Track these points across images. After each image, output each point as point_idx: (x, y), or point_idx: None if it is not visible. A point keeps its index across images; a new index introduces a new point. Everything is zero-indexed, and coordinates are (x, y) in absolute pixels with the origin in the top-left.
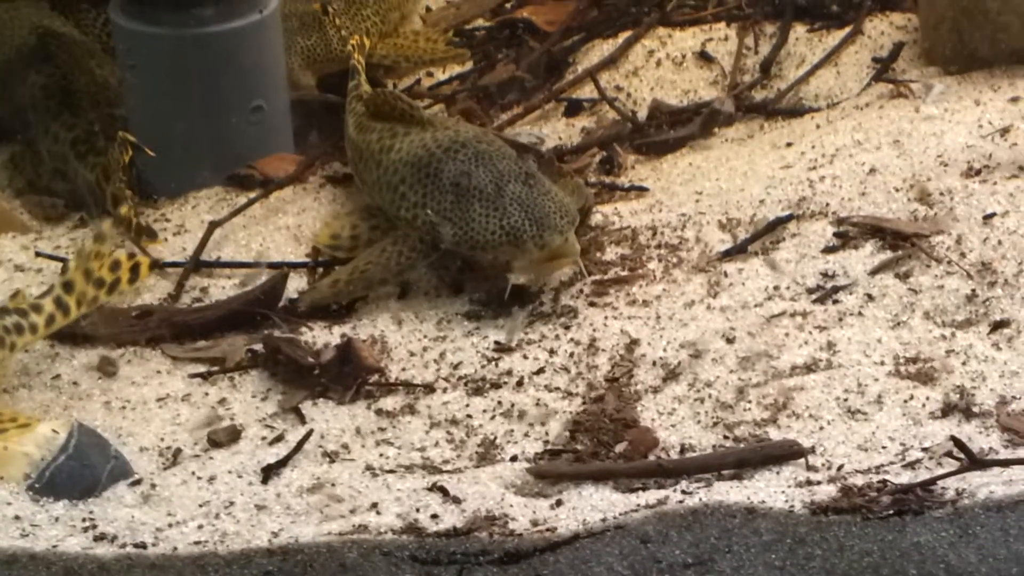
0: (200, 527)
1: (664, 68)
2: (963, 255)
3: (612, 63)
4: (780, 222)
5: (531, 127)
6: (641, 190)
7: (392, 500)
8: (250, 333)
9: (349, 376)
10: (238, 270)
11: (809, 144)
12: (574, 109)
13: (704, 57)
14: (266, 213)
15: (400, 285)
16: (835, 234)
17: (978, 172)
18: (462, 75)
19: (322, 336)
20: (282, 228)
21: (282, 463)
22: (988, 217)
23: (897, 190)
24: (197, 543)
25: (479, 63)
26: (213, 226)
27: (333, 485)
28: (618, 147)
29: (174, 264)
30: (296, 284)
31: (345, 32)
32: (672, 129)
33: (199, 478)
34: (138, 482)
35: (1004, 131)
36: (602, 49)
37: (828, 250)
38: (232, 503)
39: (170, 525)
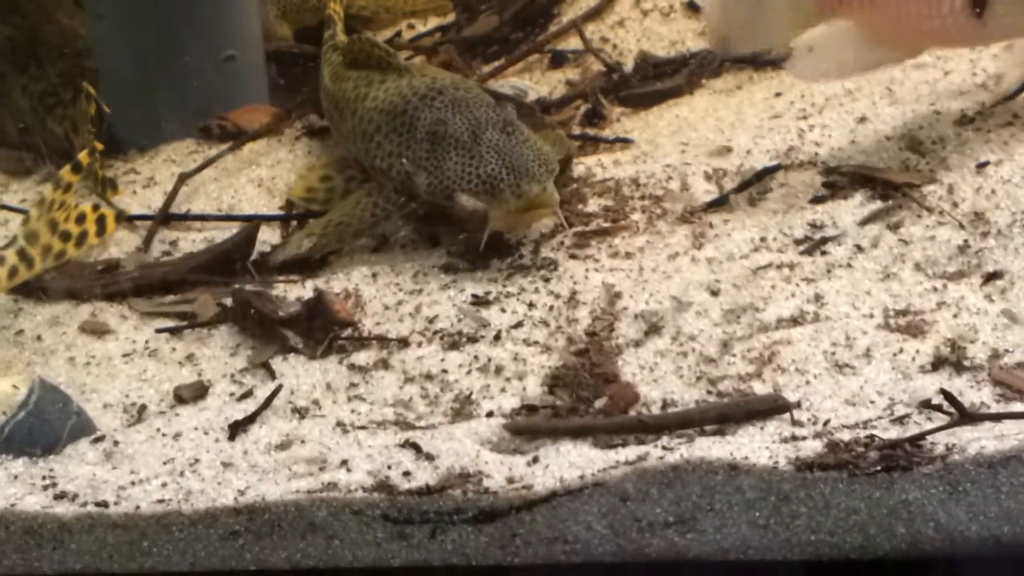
0: (164, 485)
1: (651, 19)
2: (955, 205)
3: (598, 14)
4: (767, 172)
5: (515, 79)
6: (626, 142)
7: (363, 457)
8: (221, 287)
9: (320, 330)
10: (209, 223)
11: (799, 94)
12: (559, 61)
13: (692, 7)
14: (239, 165)
15: (376, 237)
16: (824, 184)
17: (971, 120)
18: (444, 27)
19: (295, 290)
20: (255, 180)
21: (250, 419)
22: (981, 166)
23: (888, 139)
24: (160, 502)
25: (461, 14)
26: (182, 178)
27: (302, 442)
28: (603, 99)
29: (142, 217)
30: (269, 237)
31: None
32: (658, 81)
33: (164, 435)
34: (100, 439)
35: (998, 78)
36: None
37: (816, 200)
38: (197, 461)
39: (133, 483)
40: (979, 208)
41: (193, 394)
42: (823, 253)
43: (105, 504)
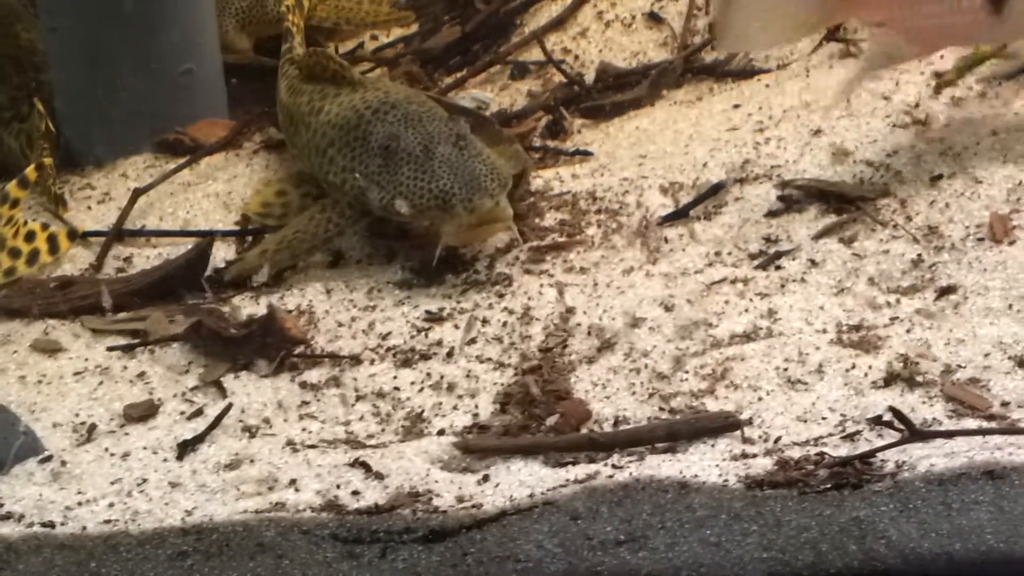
0: (111, 505)
1: (613, 30)
2: (909, 219)
3: (560, 25)
4: (723, 185)
5: (476, 91)
6: (585, 154)
7: (312, 476)
8: (174, 304)
9: (273, 348)
10: (164, 239)
11: (756, 106)
12: (521, 72)
13: (654, 18)
14: (195, 180)
15: (332, 253)
16: (779, 197)
17: (923, 124)
18: (406, 38)
19: (248, 307)
20: (211, 195)
21: (199, 439)
22: (935, 179)
23: (843, 152)
24: (108, 522)
25: (424, 26)
26: (137, 193)
27: (251, 461)
28: (564, 111)
29: (96, 233)
30: (225, 253)
31: None
32: (619, 92)
33: (112, 455)
34: (48, 459)
35: (946, 84)
36: (550, 10)
37: (771, 214)
38: (145, 480)
39: (80, 504)
40: (933, 222)
41: (143, 413)
42: (777, 268)
43: (52, 524)
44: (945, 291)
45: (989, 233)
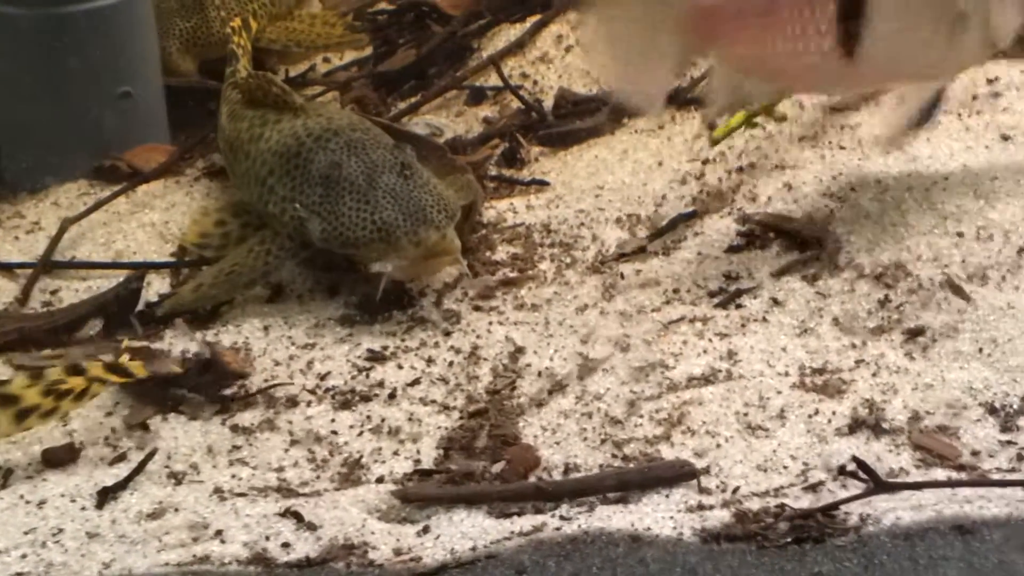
0: (24, 556)
1: (574, 55)
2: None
3: (519, 49)
4: (682, 219)
5: (431, 116)
6: (542, 184)
7: (240, 527)
8: (104, 340)
9: (211, 386)
10: (95, 271)
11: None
12: (477, 97)
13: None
14: (131, 208)
15: (271, 287)
16: (739, 233)
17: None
18: (360, 61)
19: (180, 344)
20: (147, 225)
21: (121, 485)
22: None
23: (806, 184)
24: (20, 575)
25: (379, 48)
26: (67, 223)
27: (176, 510)
28: (521, 138)
29: (23, 265)
30: (159, 287)
31: (226, 13)
32: (578, 119)
33: (28, 502)
34: None
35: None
36: (509, 34)
37: (732, 249)
38: (61, 530)
39: None
40: (901, 260)
41: (62, 458)
42: (738, 306)
43: None
44: (913, 333)
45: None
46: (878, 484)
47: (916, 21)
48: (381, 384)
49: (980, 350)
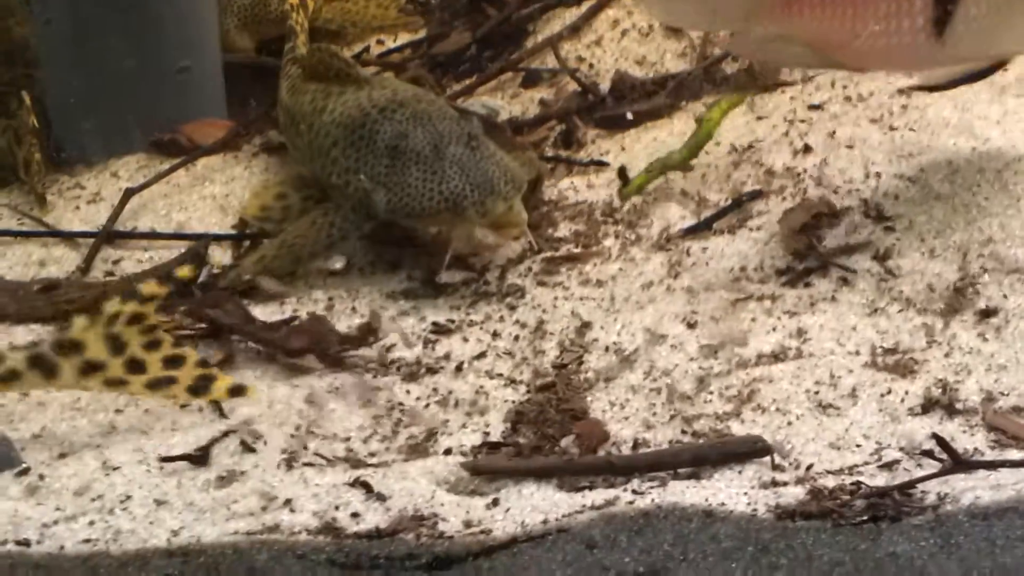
0: (91, 523)
1: (629, 38)
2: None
3: (575, 32)
4: (748, 198)
5: (486, 97)
6: (601, 164)
7: (309, 496)
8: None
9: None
10: (156, 242)
11: (781, 117)
12: (533, 80)
13: (672, 27)
14: (191, 181)
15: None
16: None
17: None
18: (414, 43)
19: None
20: (207, 197)
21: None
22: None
23: (875, 163)
24: (87, 541)
25: (433, 31)
26: (128, 193)
27: (244, 479)
28: (578, 120)
29: (84, 234)
30: (221, 258)
31: None
32: (635, 102)
33: (94, 468)
34: (25, 472)
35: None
36: (564, 18)
37: (801, 228)
38: (129, 497)
39: (57, 521)
40: (972, 240)
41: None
42: (806, 285)
43: (27, 543)
44: (986, 313)
45: None
46: (957, 462)
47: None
48: (447, 357)
49: None
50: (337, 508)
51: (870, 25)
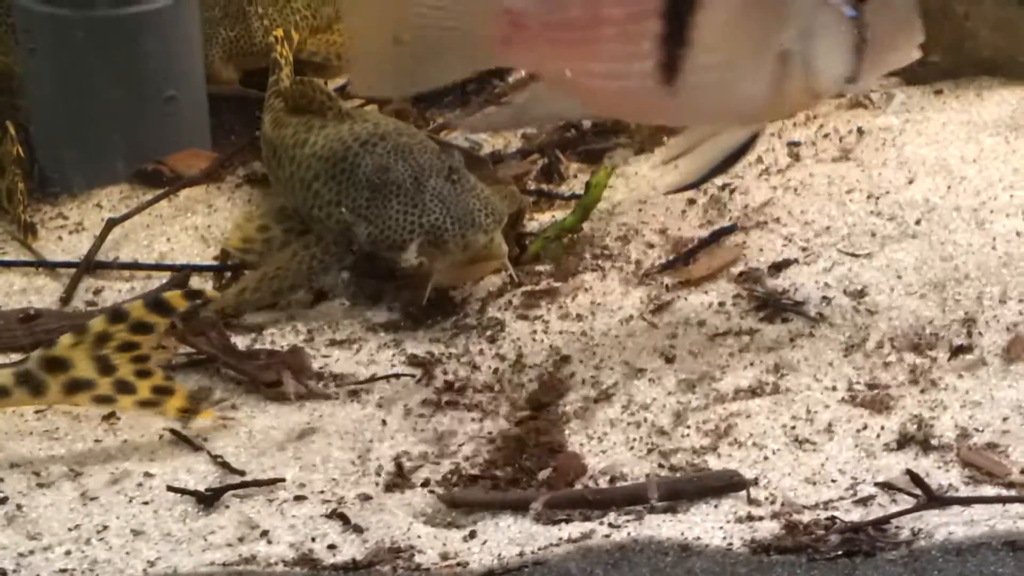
0: (68, 553)
1: None
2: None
3: None
4: (724, 232)
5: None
6: (581, 198)
7: (286, 528)
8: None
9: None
10: (138, 272)
11: (764, 149)
12: None
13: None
14: (174, 212)
15: (314, 292)
16: (785, 246)
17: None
18: None
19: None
20: (189, 228)
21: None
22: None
23: (852, 202)
24: (63, 571)
25: None
26: (111, 224)
27: (221, 509)
28: (560, 154)
29: (66, 264)
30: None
31: (268, 23)
32: (616, 136)
33: (72, 498)
34: (3, 501)
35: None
36: None
37: (778, 264)
38: (106, 527)
39: (33, 551)
40: (947, 278)
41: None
42: (784, 320)
43: (3, 573)
44: (960, 350)
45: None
46: (931, 498)
47: (736, 52)
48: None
49: None
50: (314, 540)
51: (599, 64)
